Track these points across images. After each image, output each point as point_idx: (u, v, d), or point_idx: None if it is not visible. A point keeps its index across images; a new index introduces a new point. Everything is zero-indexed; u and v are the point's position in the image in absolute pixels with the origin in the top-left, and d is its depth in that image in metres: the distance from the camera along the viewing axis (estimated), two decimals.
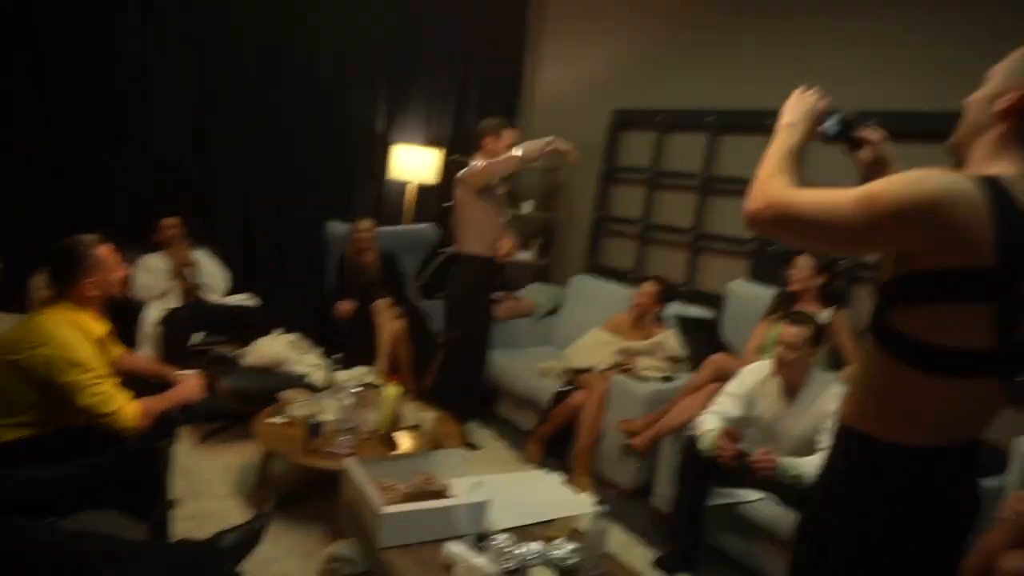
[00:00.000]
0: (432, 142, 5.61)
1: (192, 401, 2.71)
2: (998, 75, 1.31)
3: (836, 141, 1.62)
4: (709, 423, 2.95)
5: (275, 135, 5.01)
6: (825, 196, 1.28)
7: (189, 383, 2.72)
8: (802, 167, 1.48)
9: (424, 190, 5.53)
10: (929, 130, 3.35)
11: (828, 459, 1.48)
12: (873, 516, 1.32)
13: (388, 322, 4.50)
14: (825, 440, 2.77)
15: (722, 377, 3.30)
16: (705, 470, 2.93)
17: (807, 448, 2.86)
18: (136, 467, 2.28)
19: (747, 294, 3.99)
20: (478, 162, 3.93)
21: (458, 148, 5.62)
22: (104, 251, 2.45)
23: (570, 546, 2.19)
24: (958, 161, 1.38)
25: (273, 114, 4.98)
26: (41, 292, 4.18)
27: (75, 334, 2.33)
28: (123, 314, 4.05)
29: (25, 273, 4.19)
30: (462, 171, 4.03)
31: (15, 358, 2.23)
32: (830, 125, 1.60)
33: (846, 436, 1.42)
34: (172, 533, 2.54)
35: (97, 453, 2.28)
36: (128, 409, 2.36)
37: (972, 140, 1.33)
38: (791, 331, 2.88)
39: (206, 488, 3.27)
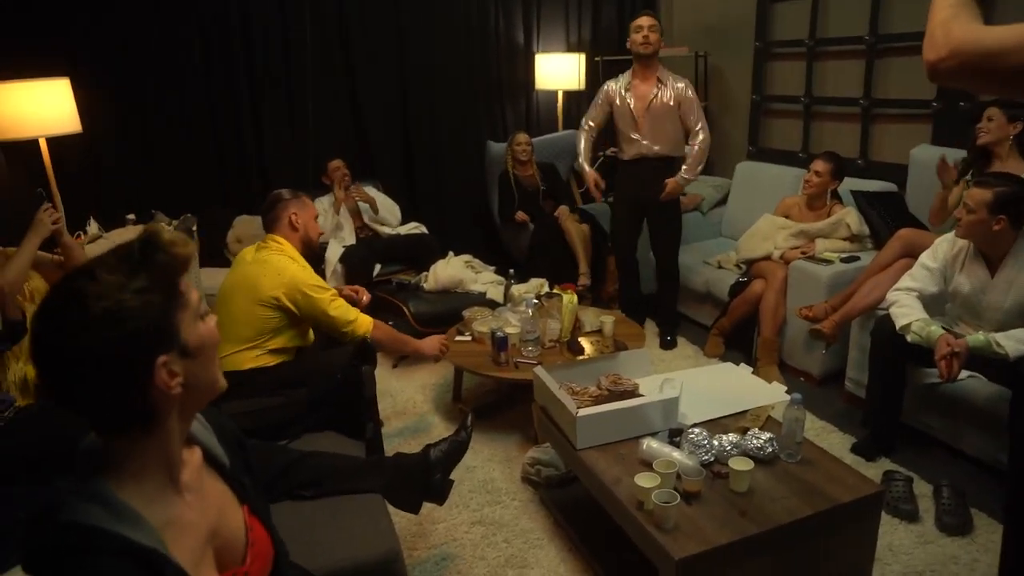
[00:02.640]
0: (574, 47, 5.50)
1: (429, 355, 3.03)
2: None
3: None
4: (911, 307, 2.77)
5: (418, 64, 5.09)
6: (1021, 30, 1.10)
7: (432, 340, 3.01)
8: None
9: (572, 95, 5.47)
10: None
11: None
12: None
13: (575, 226, 4.58)
14: None
15: (913, 252, 3.08)
16: (901, 351, 2.79)
17: (1020, 322, 2.64)
18: (348, 391, 2.51)
19: (934, 160, 3.67)
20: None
21: (600, 49, 5.48)
22: (305, 198, 2.80)
23: (765, 435, 2.19)
24: None
25: (412, 45, 5.04)
26: (234, 245, 4.61)
27: (303, 267, 2.67)
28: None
29: (218, 230, 4.62)
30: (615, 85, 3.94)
31: (262, 293, 2.55)
32: None
33: None
34: (385, 449, 2.80)
35: (310, 380, 2.53)
36: (363, 319, 2.71)
37: None
38: (972, 191, 2.63)
39: (408, 407, 3.54)
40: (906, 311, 2.77)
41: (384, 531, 1.93)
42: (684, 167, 3.89)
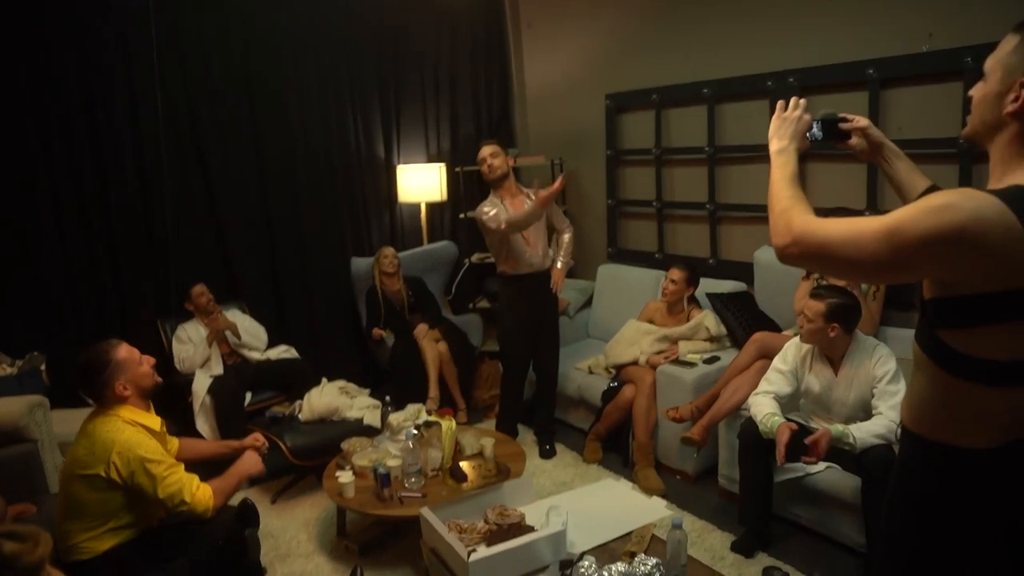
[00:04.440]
0: (434, 157, 5.65)
1: (255, 474, 2.78)
2: (996, 70, 1.27)
3: (825, 141, 1.66)
4: (763, 405, 2.99)
5: (279, 183, 5.04)
6: (850, 228, 1.26)
7: (248, 459, 2.77)
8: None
9: (435, 207, 5.58)
10: (926, 72, 3.38)
11: (898, 455, 1.51)
12: (938, 512, 1.35)
13: (431, 346, 4.59)
14: (880, 405, 2.82)
15: (767, 353, 3.34)
16: (766, 450, 2.98)
17: (864, 413, 2.92)
18: (228, 558, 2.38)
19: (773, 260, 3.97)
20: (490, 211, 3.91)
21: (460, 160, 5.65)
22: (123, 351, 2.49)
23: (652, 561, 2.25)
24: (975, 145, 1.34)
25: (273, 164, 5.01)
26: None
27: (136, 432, 2.41)
28: (173, 391, 4.18)
29: (70, 368, 4.30)
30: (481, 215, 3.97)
31: (90, 472, 2.32)
32: (815, 131, 1.64)
33: (910, 438, 1.44)
34: None
35: (190, 549, 2.38)
36: (200, 494, 2.44)
37: (986, 138, 1.31)
38: (809, 303, 2.92)
39: (292, 548, 3.38)
40: (759, 410, 3.00)
41: None
42: (560, 257, 4.12)
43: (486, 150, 3.97)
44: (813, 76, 3.86)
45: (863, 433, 2.75)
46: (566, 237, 4.23)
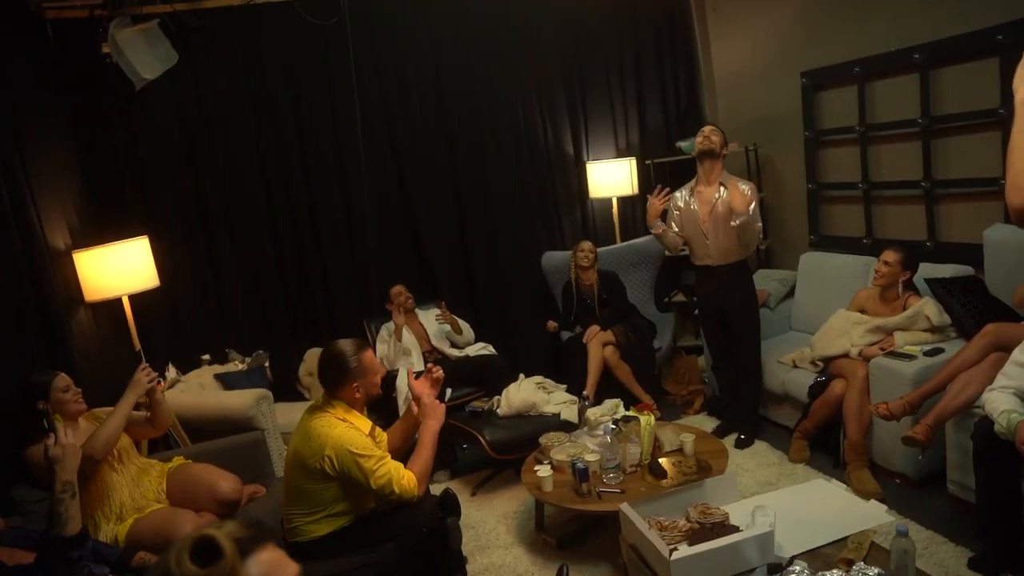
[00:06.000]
0: (624, 152, 5.60)
1: (439, 416, 2.74)
2: None
3: None
4: (1001, 402, 2.64)
5: (471, 185, 5.26)
6: None
7: (427, 411, 2.74)
8: None
9: (627, 201, 5.52)
10: None
11: None
12: None
13: (595, 348, 4.50)
14: None
15: (1003, 345, 2.95)
16: (1009, 454, 2.63)
17: None
18: (432, 545, 2.48)
19: (1009, 239, 3.55)
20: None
21: (650, 152, 5.55)
22: (368, 356, 2.65)
23: (874, 571, 2.06)
24: None
25: (465, 169, 5.23)
26: (306, 378, 4.71)
27: (347, 429, 2.56)
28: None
29: (289, 364, 4.75)
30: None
31: (308, 464, 2.50)
32: None
33: None
34: None
35: (399, 535, 2.51)
36: (406, 482, 2.52)
37: None
38: None
39: (491, 539, 3.47)
40: (995, 406, 2.63)
41: None
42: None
43: (707, 127, 4.05)
44: None
45: None
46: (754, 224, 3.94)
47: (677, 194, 4.11)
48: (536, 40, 5.32)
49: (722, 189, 3.92)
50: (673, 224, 4.12)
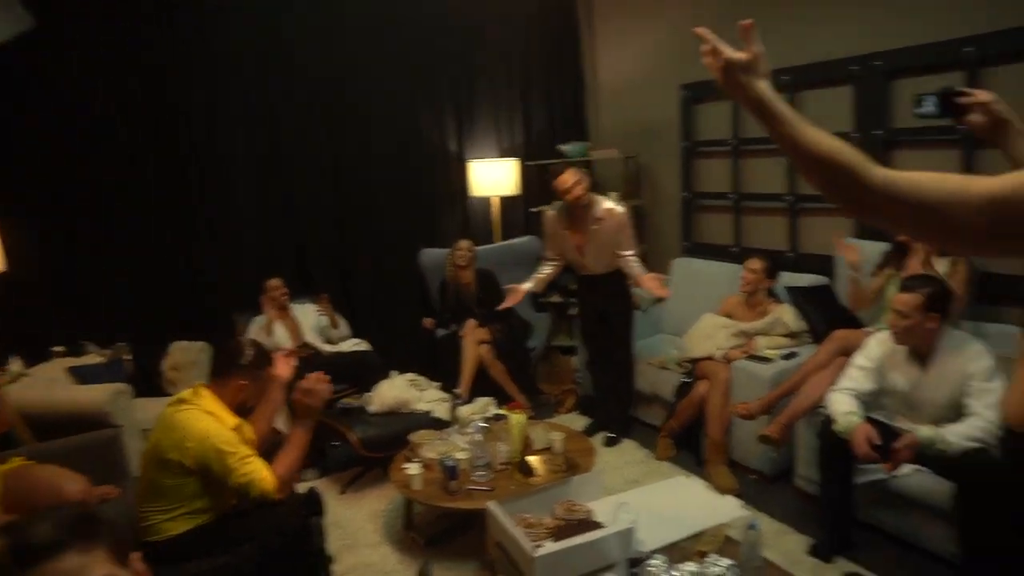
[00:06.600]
0: (507, 152, 5.63)
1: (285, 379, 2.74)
2: None
3: (941, 117, 1.54)
4: (841, 403, 2.84)
5: (352, 177, 5.15)
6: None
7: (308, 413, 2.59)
8: None
9: (508, 201, 5.55)
10: None
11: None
12: None
13: (472, 346, 4.51)
14: (975, 404, 2.62)
15: (848, 350, 3.17)
16: (847, 451, 2.82)
17: (953, 414, 2.71)
18: (294, 545, 2.39)
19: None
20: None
21: (533, 154, 5.61)
22: (271, 371, 2.65)
23: (725, 562, 2.16)
24: None
25: (347, 158, 5.11)
26: (171, 373, 4.47)
27: (213, 422, 2.44)
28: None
29: (153, 358, 4.49)
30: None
31: (167, 458, 2.38)
32: (929, 107, 1.53)
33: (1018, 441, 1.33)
34: None
35: (259, 535, 2.41)
36: (267, 483, 2.39)
37: None
38: (900, 298, 2.73)
39: (359, 538, 3.40)
40: (837, 407, 2.85)
41: None
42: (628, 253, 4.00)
43: (570, 177, 3.84)
44: (901, 57, 3.66)
45: (956, 436, 2.57)
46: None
47: (549, 213, 4.13)
48: (423, 39, 5.27)
49: (597, 223, 3.96)
50: (548, 252, 4.21)
